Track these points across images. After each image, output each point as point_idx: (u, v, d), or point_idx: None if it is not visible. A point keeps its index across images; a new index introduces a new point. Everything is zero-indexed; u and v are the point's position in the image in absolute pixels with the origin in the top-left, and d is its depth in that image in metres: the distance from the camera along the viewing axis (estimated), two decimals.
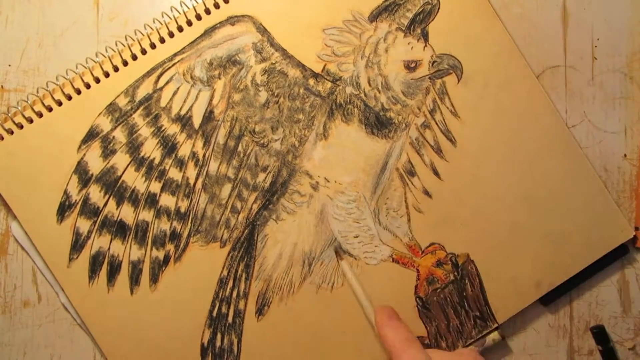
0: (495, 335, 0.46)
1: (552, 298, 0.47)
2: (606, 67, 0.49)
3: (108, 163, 0.45)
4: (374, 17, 0.46)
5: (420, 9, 0.46)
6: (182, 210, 0.45)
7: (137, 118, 0.45)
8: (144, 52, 0.45)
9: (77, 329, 0.46)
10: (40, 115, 0.45)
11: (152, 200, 0.45)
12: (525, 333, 0.48)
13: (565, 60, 0.48)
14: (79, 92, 0.45)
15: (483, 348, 0.46)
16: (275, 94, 0.46)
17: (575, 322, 0.48)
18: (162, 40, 0.45)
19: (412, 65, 0.46)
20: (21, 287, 0.47)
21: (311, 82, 0.46)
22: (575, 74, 0.48)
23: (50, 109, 0.45)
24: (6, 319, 0.46)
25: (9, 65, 0.47)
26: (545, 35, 0.48)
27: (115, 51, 0.45)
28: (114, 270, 0.45)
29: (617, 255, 0.47)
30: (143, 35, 0.45)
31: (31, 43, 0.47)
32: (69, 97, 0.45)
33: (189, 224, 0.45)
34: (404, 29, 0.46)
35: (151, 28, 0.45)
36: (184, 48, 0.45)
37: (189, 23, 0.45)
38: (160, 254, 0.45)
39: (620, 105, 0.49)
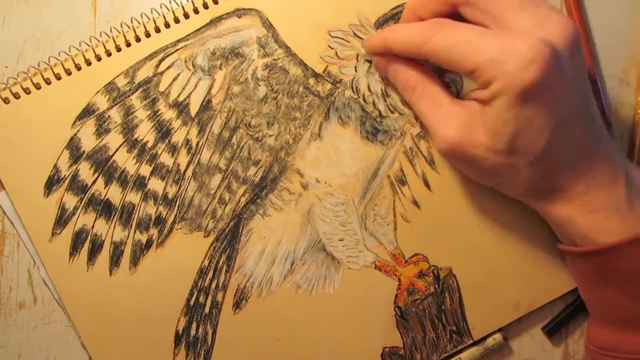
0: (497, 337, 0.46)
1: (555, 330, 0.47)
2: (602, 73, 0.48)
3: (101, 141, 0.45)
4: (380, 24, 0.47)
5: None
6: (170, 196, 0.45)
7: (135, 100, 0.45)
8: (147, 35, 0.45)
9: (72, 330, 0.46)
10: (38, 87, 0.45)
11: (140, 183, 0.45)
12: (520, 337, 0.48)
13: None
14: (79, 68, 0.45)
15: (484, 349, 0.46)
16: (275, 90, 0.46)
17: (570, 327, 0.48)
18: (167, 25, 0.45)
19: None
20: (17, 289, 0.46)
21: (311, 81, 0.46)
22: None
23: (48, 82, 0.45)
24: (1, 321, 0.46)
25: (6, 67, 0.47)
26: None
27: (119, 32, 0.45)
28: (95, 249, 0.45)
29: None
30: (149, 19, 0.45)
31: (28, 44, 0.47)
32: (69, 72, 0.45)
33: (175, 210, 0.45)
34: None
35: (157, 13, 0.45)
36: (188, 35, 0.46)
37: (196, 11, 0.46)
38: (143, 238, 0.45)
39: (615, 111, 0.48)
